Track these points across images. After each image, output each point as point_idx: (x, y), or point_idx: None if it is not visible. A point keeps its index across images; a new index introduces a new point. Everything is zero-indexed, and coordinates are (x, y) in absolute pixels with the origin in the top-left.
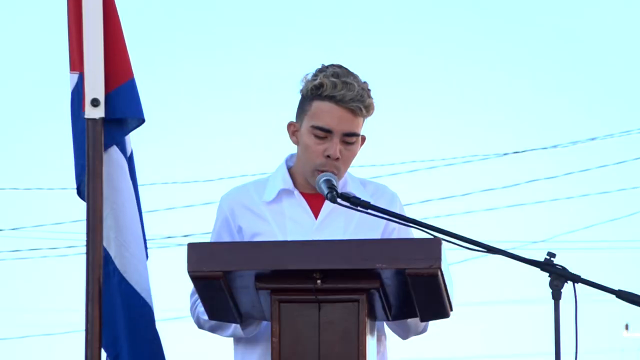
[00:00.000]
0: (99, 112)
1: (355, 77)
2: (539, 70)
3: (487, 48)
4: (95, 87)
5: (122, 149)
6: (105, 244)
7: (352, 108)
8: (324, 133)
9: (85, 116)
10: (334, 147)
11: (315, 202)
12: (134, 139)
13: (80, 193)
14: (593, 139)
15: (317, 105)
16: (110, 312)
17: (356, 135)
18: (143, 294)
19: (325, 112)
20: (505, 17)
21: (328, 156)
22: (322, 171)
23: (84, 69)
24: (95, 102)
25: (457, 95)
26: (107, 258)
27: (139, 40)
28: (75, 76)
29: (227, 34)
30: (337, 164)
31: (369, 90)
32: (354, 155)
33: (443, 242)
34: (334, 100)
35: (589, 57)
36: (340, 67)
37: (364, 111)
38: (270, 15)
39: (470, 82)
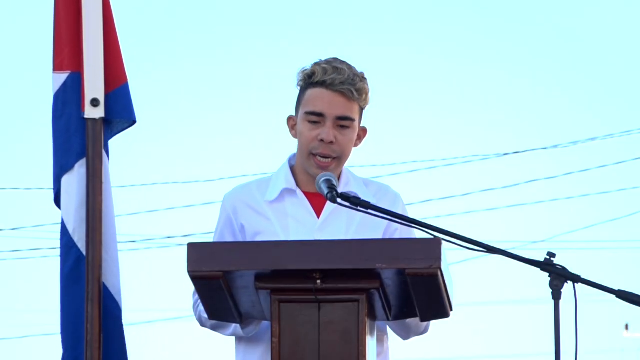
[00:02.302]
0: (99, 112)
1: (349, 65)
2: (539, 70)
3: (487, 48)
4: (95, 87)
5: (107, 150)
6: (80, 245)
7: (342, 91)
8: (317, 118)
9: (85, 116)
10: (327, 130)
11: (317, 201)
12: (134, 139)
13: (58, 201)
14: (593, 139)
15: (310, 92)
16: (80, 313)
17: (349, 119)
18: (117, 297)
19: (317, 98)
20: (505, 16)
21: (322, 140)
22: (318, 155)
23: (84, 68)
24: (95, 102)
25: (457, 95)
26: (83, 258)
27: (139, 40)
28: (64, 75)
29: (227, 34)
30: (333, 147)
31: (364, 78)
32: (349, 140)
33: (443, 242)
34: (325, 84)
35: (589, 57)
36: (335, 58)
37: (355, 94)
38: (270, 15)
39: (470, 82)
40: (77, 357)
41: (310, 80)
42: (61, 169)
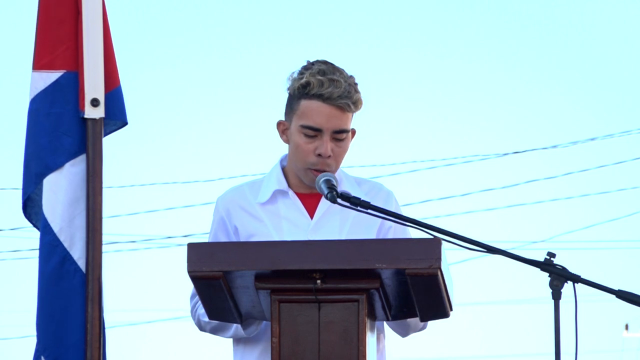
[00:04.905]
0: (99, 112)
1: (341, 72)
2: (539, 70)
3: (487, 48)
4: (95, 87)
5: None
6: (67, 244)
7: (340, 105)
8: (313, 132)
9: (85, 116)
10: (325, 145)
11: (310, 202)
12: (134, 140)
13: (26, 209)
14: (593, 139)
15: (305, 104)
16: (62, 313)
17: (346, 131)
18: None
19: (314, 111)
20: (505, 16)
21: (319, 155)
22: (315, 170)
23: (84, 68)
24: (95, 102)
25: (457, 95)
26: (68, 258)
27: (140, 41)
28: (55, 74)
29: (227, 34)
30: (329, 161)
31: (356, 84)
32: (345, 151)
33: (443, 242)
34: (322, 98)
35: (589, 57)
36: (325, 63)
37: (352, 107)
38: (269, 15)
39: (470, 82)
40: (59, 357)
41: (305, 91)
42: (46, 167)
